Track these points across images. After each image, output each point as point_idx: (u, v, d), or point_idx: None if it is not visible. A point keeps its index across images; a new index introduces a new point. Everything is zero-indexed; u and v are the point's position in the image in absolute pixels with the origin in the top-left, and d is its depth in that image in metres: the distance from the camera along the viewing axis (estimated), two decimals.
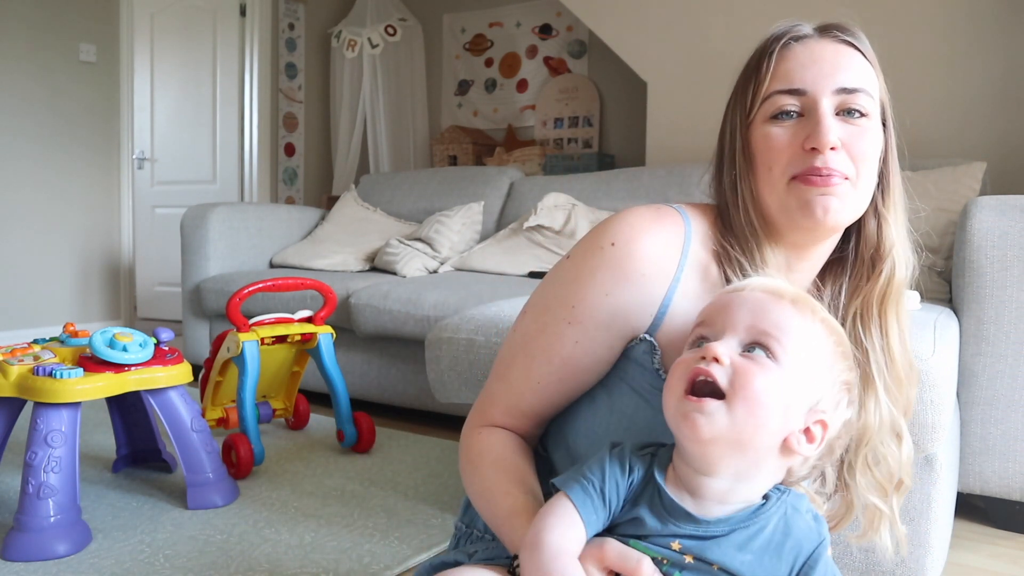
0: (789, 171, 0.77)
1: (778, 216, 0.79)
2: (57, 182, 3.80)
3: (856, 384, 0.70)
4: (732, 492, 0.65)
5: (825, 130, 0.75)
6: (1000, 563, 1.44)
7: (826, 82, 0.77)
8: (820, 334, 0.67)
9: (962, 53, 2.56)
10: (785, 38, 0.81)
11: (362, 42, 4.39)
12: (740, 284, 0.70)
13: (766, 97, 0.79)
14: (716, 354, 0.63)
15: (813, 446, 0.65)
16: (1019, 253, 1.49)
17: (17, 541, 1.36)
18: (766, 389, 0.62)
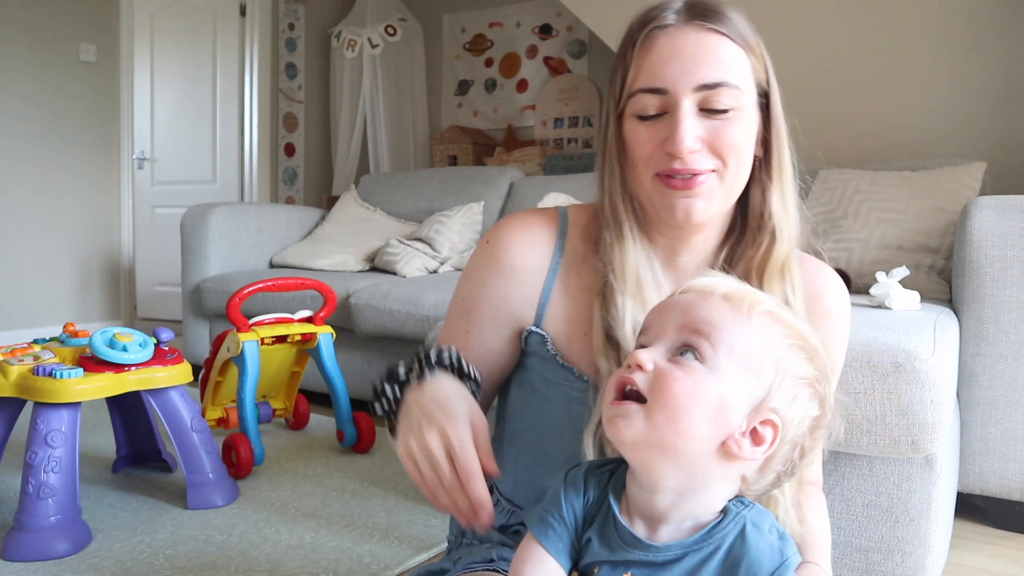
0: (651, 168, 0.77)
1: (648, 210, 0.81)
2: (57, 182, 3.79)
3: (825, 377, 0.64)
4: (679, 508, 0.61)
5: (681, 137, 0.74)
6: (1000, 563, 1.44)
7: (686, 79, 0.74)
8: (760, 327, 0.61)
9: (962, 53, 2.56)
10: (649, 27, 0.77)
11: (362, 42, 4.39)
12: (682, 287, 0.66)
13: (631, 94, 0.78)
14: (639, 361, 0.60)
15: (760, 449, 0.60)
16: (1019, 253, 1.49)
17: (17, 541, 1.36)
18: (685, 392, 0.58)
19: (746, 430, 0.60)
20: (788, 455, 0.63)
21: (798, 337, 0.63)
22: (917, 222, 2.02)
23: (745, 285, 0.65)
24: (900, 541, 1.25)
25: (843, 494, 1.29)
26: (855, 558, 1.28)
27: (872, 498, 1.27)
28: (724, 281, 0.64)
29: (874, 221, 2.07)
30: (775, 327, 0.62)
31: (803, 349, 0.63)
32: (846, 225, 2.11)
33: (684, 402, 0.58)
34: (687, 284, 0.66)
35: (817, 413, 0.63)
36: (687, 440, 0.59)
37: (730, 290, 0.63)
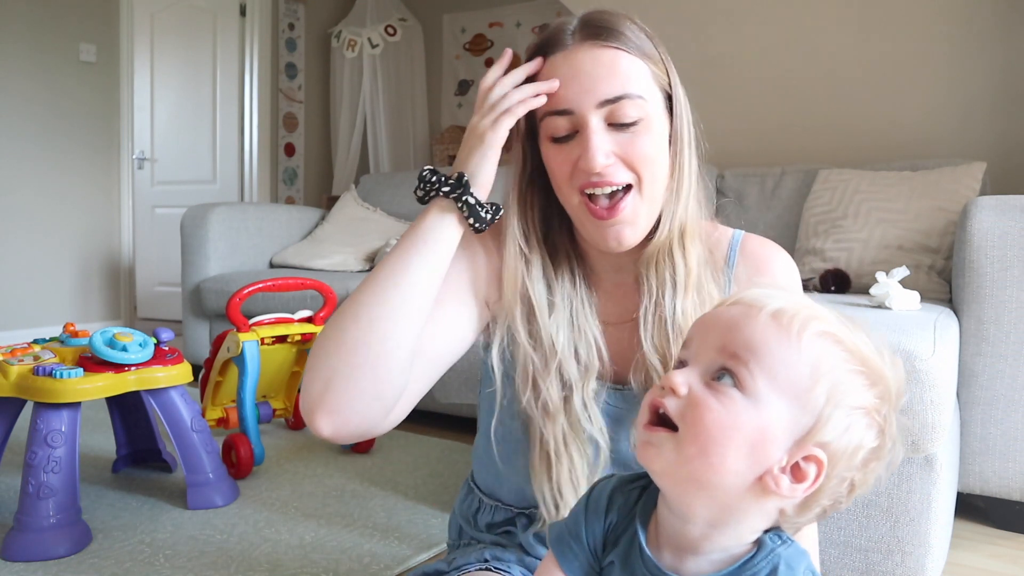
0: (575, 185, 0.79)
1: (578, 228, 0.83)
2: (57, 182, 3.79)
3: (888, 403, 0.59)
4: (709, 539, 0.57)
5: (593, 154, 0.75)
6: (1000, 563, 1.44)
7: (588, 98, 0.76)
8: (812, 350, 0.55)
9: (962, 53, 2.56)
10: (547, 46, 0.80)
11: (362, 42, 4.39)
12: (729, 297, 0.61)
13: (540, 118, 0.80)
14: (673, 384, 0.56)
15: (802, 486, 0.54)
16: (1019, 253, 1.49)
17: (17, 541, 1.36)
18: (719, 425, 0.53)
19: (787, 465, 0.54)
20: (836, 490, 0.56)
21: (858, 360, 0.57)
22: (917, 222, 2.02)
23: (802, 299, 0.59)
24: (900, 541, 1.25)
25: None
26: (855, 558, 1.28)
27: (872, 498, 1.27)
28: (776, 295, 0.58)
29: (874, 221, 2.07)
30: (831, 349, 0.56)
31: (863, 374, 0.57)
32: (846, 225, 2.11)
33: (717, 435, 0.54)
34: (737, 295, 0.60)
35: (875, 444, 0.57)
36: (720, 475, 0.54)
37: (780, 307, 0.56)
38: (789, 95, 2.86)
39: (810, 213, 2.24)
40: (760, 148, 2.85)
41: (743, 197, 2.50)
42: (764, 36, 2.88)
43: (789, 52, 2.86)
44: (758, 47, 2.89)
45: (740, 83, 2.89)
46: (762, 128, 2.87)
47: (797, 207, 2.37)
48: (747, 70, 2.90)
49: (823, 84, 2.80)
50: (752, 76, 2.89)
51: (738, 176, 2.57)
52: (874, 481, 0.59)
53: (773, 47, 2.87)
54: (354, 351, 0.74)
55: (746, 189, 2.51)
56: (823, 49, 2.80)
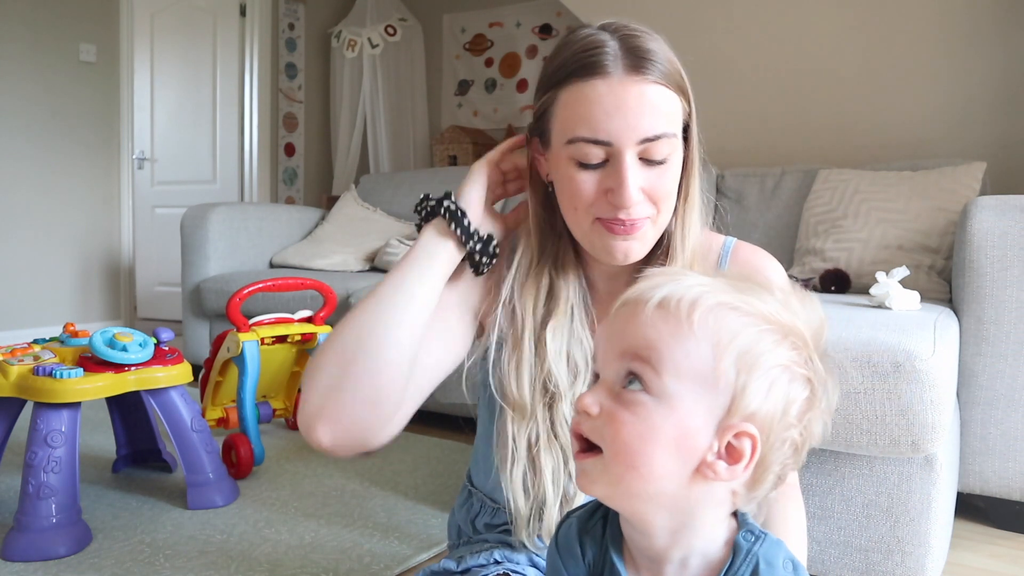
0: (593, 213, 0.79)
1: (582, 243, 0.83)
2: (57, 182, 3.79)
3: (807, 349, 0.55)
4: (678, 545, 0.56)
5: (628, 192, 0.75)
6: (1000, 563, 1.44)
7: (630, 134, 0.75)
8: (705, 330, 0.53)
9: (962, 53, 2.56)
10: (587, 70, 0.76)
11: (362, 42, 4.39)
12: (619, 300, 0.58)
13: (570, 140, 0.77)
14: (583, 406, 0.55)
15: (740, 465, 0.53)
16: (1019, 253, 1.49)
17: (17, 541, 1.36)
18: (636, 436, 0.52)
19: (719, 449, 0.53)
20: (781, 453, 0.55)
21: (760, 320, 0.54)
22: (917, 222, 2.02)
23: (687, 279, 0.56)
24: (900, 541, 1.25)
25: (843, 494, 1.29)
26: (855, 558, 1.28)
27: (872, 498, 1.27)
28: (659, 283, 0.56)
29: (874, 221, 2.07)
30: (726, 320, 0.53)
31: (769, 329, 0.54)
32: (846, 225, 2.11)
33: (637, 447, 0.52)
34: (624, 295, 0.58)
35: (805, 395, 0.55)
36: (655, 482, 0.53)
37: (664, 296, 0.54)
38: (789, 95, 2.86)
39: (810, 213, 2.24)
40: (760, 148, 2.85)
41: (743, 197, 2.50)
42: (764, 36, 2.88)
43: (789, 52, 2.86)
44: (758, 47, 2.89)
45: (740, 83, 2.89)
46: (762, 128, 2.87)
47: (797, 207, 2.37)
48: (747, 70, 2.90)
49: (823, 84, 2.80)
50: (752, 76, 2.89)
51: (738, 176, 2.57)
52: (821, 430, 0.57)
53: (773, 47, 2.87)
54: (353, 360, 0.75)
55: (746, 189, 2.51)
56: (823, 49, 2.80)
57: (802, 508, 0.85)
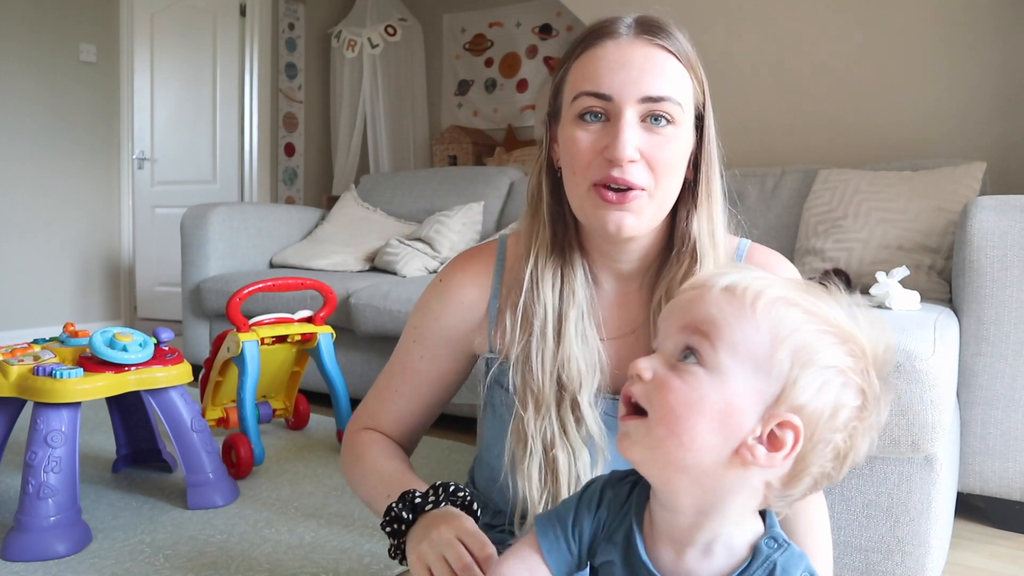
0: (589, 177, 0.78)
1: (580, 218, 0.83)
2: (57, 182, 3.79)
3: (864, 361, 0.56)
4: (701, 528, 0.57)
5: (623, 144, 0.75)
6: (1000, 563, 1.44)
7: (632, 89, 0.76)
8: (768, 317, 0.55)
9: (962, 53, 2.56)
10: (599, 33, 0.79)
11: (362, 42, 4.39)
12: (686, 283, 0.61)
13: (575, 96, 0.79)
14: (637, 370, 0.57)
15: (779, 454, 0.54)
16: (1019, 253, 1.49)
17: (17, 541, 1.36)
18: (683, 402, 0.54)
19: (762, 434, 0.54)
20: (821, 456, 0.55)
21: (822, 321, 0.55)
22: (917, 222, 2.02)
23: (755, 271, 0.59)
24: (900, 541, 1.25)
25: (843, 494, 1.29)
26: (855, 558, 1.28)
27: (872, 498, 1.27)
28: (727, 271, 0.58)
29: (874, 221, 2.07)
30: (788, 313, 0.55)
31: (830, 332, 0.55)
32: (846, 225, 2.11)
33: (682, 412, 0.54)
34: (691, 279, 0.61)
35: (856, 403, 0.55)
36: (693, 453, 0.54)
37: (732, 281, 0.57)
38: (789, 95, 2.86)
39: (810, 213, 2.24)
40: (760, 148, 2.85)
41: (743, 197, 2.50)
42: (764, 36, 2.88)
43: (789, 52, 2.86)
44: (758, 47, 2.89)
45: (740, 83, 2.89)
46: (762, 128, 2.87)
47: (797, 207, 2.37)
48: (747, 70, 2.90)
49: (823, 84, 2.80)
50: (752, 76, 2.89)
51: (738, 176, 2.57)
52: (866, 447, 0.57)
53: (773, 47, 2.87)
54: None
55: (746, 189, 2.51)
56: (823, 49, 2.80)
57: (827, 518, 0.85)
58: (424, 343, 0.95)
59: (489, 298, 0.91)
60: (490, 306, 0.91)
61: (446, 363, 0.95)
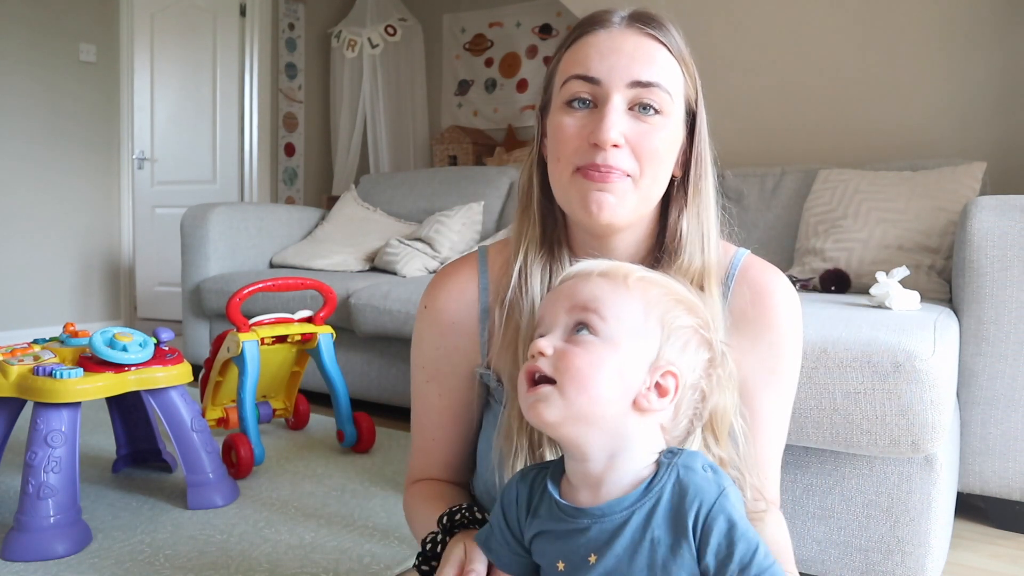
0: (573, 162, 0.78)
1: (564, 208, 0.82)
2: (57, 182, 3.79)
3: (707, 324, 0.70)
4: (613, 468, 0.65)
5: (608, 127, 0.75)
6: (1000, 563, 1.44)
7: (621, 74, 0.76)
8: (638, 292, 0.67)
9: (962, 53, 2.56)
10: (591, 23, 0.80)
11: (362, 42, 4.39)
12: (561, 276, 0.72)
13: (564, 82, 0.79)
14: (539, 348, 0.66)
15: (667, 399, 0.66)
16: (1019, 253, 1.49)
17: (17, 541, 1.36)
18: (588, 364, 0.64)
19: (650, 385, 0.65)
20: (692, 399, 0.68)
21: (674, 294, 0.69)
22: (917, 222, 2.02)
23: (616, 261, 0.71)
24: (900, 541, 1.25)
25: (843, 494, 1.29)
26: (855, 558, 1.28)
27: (872, 498, 1.27)
28: (598, 262, 0.70)
29: (874, 221, 2.07)
30: (651, 289, 0.68)
31: (680, 303, 0.69)
32: (846, 225, 2.11)
33: (588, 372, 0.64)
34: (565, 273, 0.72)
35: (708, 355, 0.69)
36: (601, 405, 0.64)
37: (606, 268, 0.69)
38: (789, 95, 2.86)
39: (810, 213, 2.24)
40: (760, 148, 2.85)
41: (743, 197, 2.50)
42: (764, 36, 2.88)
43: (789, 52, 2.86)
44: (758, 47, 2.89)
45: (740, 82, 2.89)
46: (762, 128, 2.87)
47: (797, 207, 2.37)
48: (747, 70, 2.90)
49: (823, 84, 2.80)
50: (752, 76, 2.89)
51: (738, 176, 2.57)
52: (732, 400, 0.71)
53: (773, 47, 2.87)
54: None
55: (746, 189, 2.51)
56: (823, 49, 2.80)
57: (784, 525, 0.85)
58: (437, 378, 0.93)
59: (478, 312, 0.90)
60: (480, 320, 0.90)
61: (465, 391, 0.93)
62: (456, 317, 0.90)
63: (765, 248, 2.30)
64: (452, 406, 0.93)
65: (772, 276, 0.87)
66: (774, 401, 0.85)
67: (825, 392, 1.23)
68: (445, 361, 0.91)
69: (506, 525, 0.71)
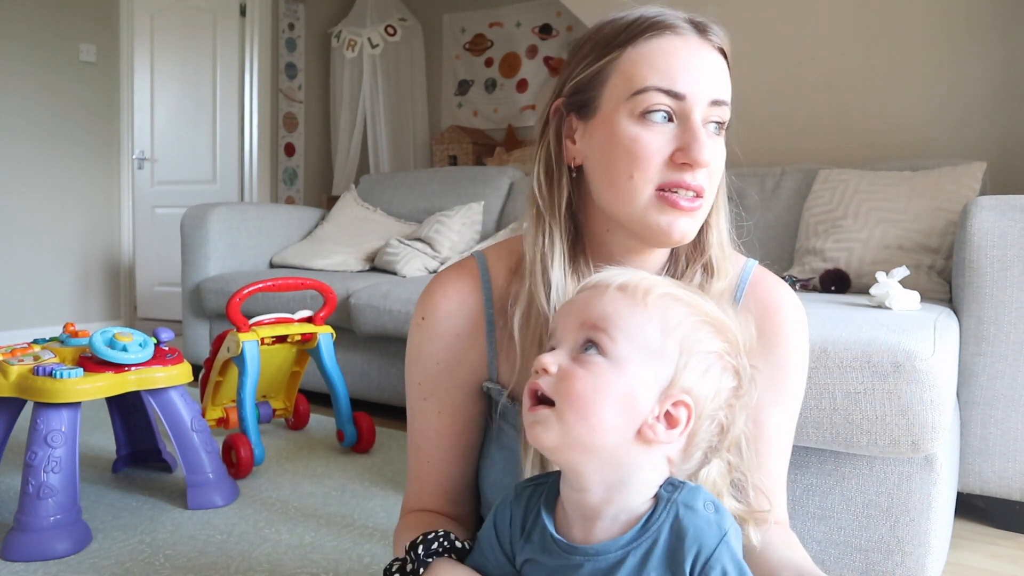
0: (655, 180, 0.73)
1: (628, 223, 0.76)
2: (57, 182, 3.79)
3: (736, 348, 0.64)
4: (611, 502, 0.61)
5: (703, 147, 0.71)
6: (1000, 563, 1.44)
7: (705, 91, 0.73)
8: (658, 309, 0.62)
9: (962, 53, 2.56)
10: (658, 26, 0.74)
11: (362, 42, 4.39)
12: (580, 286, 0.67)
13: (638, 91, 0.73)
14: (543, 365, 0.62)
15: (676, 431, 0.60)
16: (1019, 253, 1.49)
17: (17, 541, 1.36)
18: (590, 388, 0.60)
19: (659, 414, 0.60)
20: (709, 432, 0.63)
21: (701, 313, 0.63)
22: (917, 222, 2.02)
23: (641, 273, 0.65)
24: (900, 541, 1.25)
25: (843, 494, 1.29)
26: (855, 558, 1.28)
27: (872, 498, 1.27)
28: (619, 273, 0.65)
29: (874, 221, 2.07)
30: (674, 307, 0.63)
31: (708, 324, 0.63)
32: (846, 225, 2.11)
33: (590, 398, 0.59)
34: (584, 282, 0.66)
35: (733, 384, 0.63)
36: (601, 434, 0.59)
37: (624, 281, 0.64)
38: (789, 95, 2.86)
39: (810, 213, 2.24)
40: (760, 148, 2.85)
41: (743, 197, 2.50)
42: (764, 36, 2.88)
43: (789, 51, 2.86)
44: (758, 47, 2.89)
45: (740, 82, 2.87)
46: (762, 128, 2.87)
47: (797, 207, 2.37)
48: (747, 70, 2.89)
49: (823, 84, 2.80)
50: (752, 75, 2.89)
51: (738, 176, 2.57)
52: (743, 422, 0.65)
53: (773, 46, 2.87)
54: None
55: (746, 189, 2.51)
56: (823, 49, 2.80)
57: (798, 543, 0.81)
58: (435, 395, 0.85)
59: (484, 323, 0.84)
60: (486, 332, 0.84)
61: (468, 407, 0.86)
62: (459, 328, 0.84)
63: (765, 248, 2.30)
64: (453, 424, 0.86)
65: (781, 291, 0.85)
66: (779, 417, 0.82)
67: (825, 392, 1.23)
68: (447, 376, 0.85)
69: (499, 545, 0.68)
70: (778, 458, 0.83)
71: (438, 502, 0.88)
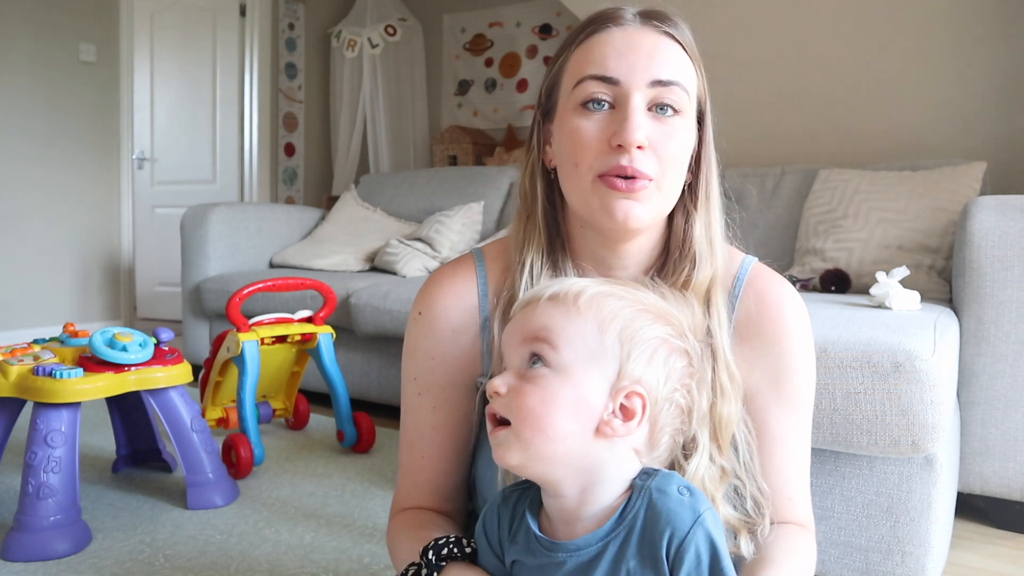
0: (595, 168, 0.73)
1: (582, 214, 0.78)
2: (57, 182, 3.79)
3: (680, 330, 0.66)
4: (588, 503, 0.63)
5: (633, 127, 0.71)
6: (1000, 563, 1.44)
7: (641, 73, 0.73)
8: (592, 310, 0.64)
9: (962, 53, 2.56)
10: (602, 20, 0.76)
11: (362, 42, 4.39)
12: (518, 303, 0.70)
13: (578, 81, 0.75)
14: (494, 388, 0.64)
15: (634, 421, 0.62)
16: (1019, 253, 1.49)
17: (17, 541, 1.36)
18: (538, 401, 0.61)
19: (614, 409, 0.62)
20: (671, 416, 0.65)
21: (636, 304, 0.66)
22: (917, 222, 2.02)
23: (571, 280, 0.68)
24: (900, 541, 1.25)
25: (843, 494, 1.29)
26: (855, 558, 1.28)
27: (872, 498, 1.27)
28: (549, 284, 0.68)
29: (874, 221, 2.07)
30: (607, 304, 0.64)
31: (645, 312, 0.65)
32: (846, 225, 2.11)
33: (540, 411, 0.61)
34: (517, 302, 0.69)
35: (683, 363, 0.65)
36: (559, 443, 0.61)
37: (555, 291, 0.66)
38: (789, 95, 2.86)
39: (810, 213, 2.24)
40: (760, 148, 2.85)
41: (743, 197, 2.50)
42: (765, 36, 2.88)
43: (789, 52, 2.86)
44: (759, 47, 2.89)
45: (740, 82, 2.89)
46: (762, 128, 2.87)
47: (797, 207, 2.37)
48: (747, 70, 2.90)
49: (823, 84, 2.80)
50: (752, 76, 2.89)
51: (738, 176, 2.57)
52: (706, 400, 0.67)
53: (773, 47, 2.87)
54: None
55: (746, 189, 2.51)
56: (823, 49, 2.80)
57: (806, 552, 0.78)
58: (430, 391, 0.85)
59: (479, 320, 0.84)
60: (482, 329, 0.84)
61: (462, 403, 0.86)
62: (456, 324, 0.84)
63: (765, 248, 2.30)
64: (447, 420, 0.86)
65: (780, 287, 0.84)
66: (786, 417, 0.80)
67: (825, 392, 1.23)
68: (442, 371, 0.85)
69: (489, 547, 0.70)
70: (791, 458, 0.81)
71: (431, 499, 0.88)
